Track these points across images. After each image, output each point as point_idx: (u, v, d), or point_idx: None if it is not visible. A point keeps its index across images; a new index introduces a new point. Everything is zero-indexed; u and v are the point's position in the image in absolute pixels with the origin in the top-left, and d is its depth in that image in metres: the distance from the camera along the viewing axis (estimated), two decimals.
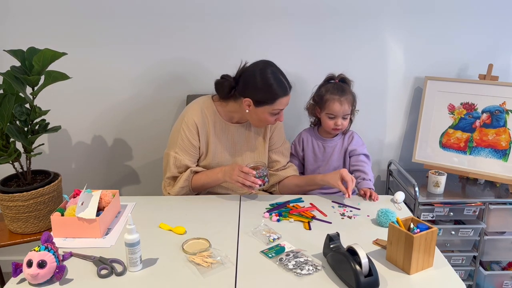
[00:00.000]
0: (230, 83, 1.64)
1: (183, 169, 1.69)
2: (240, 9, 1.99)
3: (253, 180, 1.54)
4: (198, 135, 1.68)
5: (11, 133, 1.59)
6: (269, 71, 1.58)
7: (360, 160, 1.82)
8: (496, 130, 1.96)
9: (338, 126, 1.79)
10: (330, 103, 1.77)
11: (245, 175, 1.54)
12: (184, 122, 1.68)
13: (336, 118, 1.78)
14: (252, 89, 1.59)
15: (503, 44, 2.09)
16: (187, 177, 1.67)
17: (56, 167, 1.90)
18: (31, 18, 1.97)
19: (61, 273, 1.14)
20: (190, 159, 1.69)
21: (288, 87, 1.61)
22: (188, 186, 1.69)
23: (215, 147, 1.72)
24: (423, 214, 1.90)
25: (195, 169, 1.70)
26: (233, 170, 1.57)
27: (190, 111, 1.70)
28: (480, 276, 2.01)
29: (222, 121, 1.72)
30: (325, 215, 1.54)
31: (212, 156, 1.72)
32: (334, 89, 1.78)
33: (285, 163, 1.83)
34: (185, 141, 1.67)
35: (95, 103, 2.13)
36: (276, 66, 1.63)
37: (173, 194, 1.70)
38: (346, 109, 1.77)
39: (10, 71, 1.58)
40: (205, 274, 1.18)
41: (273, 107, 1.60)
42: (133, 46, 2.03)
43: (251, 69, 1.61)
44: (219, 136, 1.73)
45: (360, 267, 1.10)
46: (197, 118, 1.68)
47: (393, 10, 2.02)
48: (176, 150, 1.68)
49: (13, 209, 1.65)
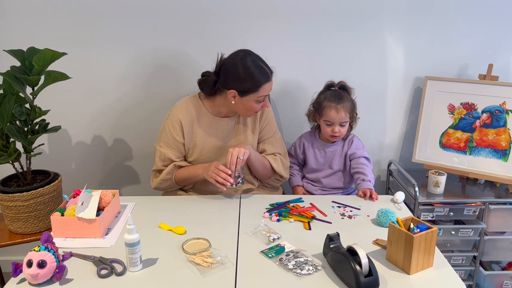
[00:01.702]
0: (212, 78, 1.66)
1: (168, 162, 1.73)
2: (238, 8, 1.99)
3: (224, 177, 1.56)
4: (183, 131, 1.71)
5: (11, 133, 1.59)
6: (248, 60, 1.60)
7: (360, 163, 1.82)
8: (496, 130, 1.96)
9: (336, 133, 1.80)
10: (327, 110, 1.79)
11: (218, 171, 1.57)
12: (169, 119, 1.73)
13: (333, 125, 1.80)
14: (235, 80, 1.60)
15: (503, 44, 2.09)
16: (169, 171, 1.72)
17: (56, 167, 1.90)
18: (31, 18, 1.97)
19: (61, 273, 1.14)
20: (173, 153, 1.73)
21: (269, 72, 1.63)
22: (171, 180, 1.73)
23: (203, 142, 1.74)
24: (423, 214, 1.90)
25: (179, 163, 1.73)
26: (210, 166, 1.62)
27: (176, 108, 1.74)
28: (480, 276, 2.01)
29: (209, 116, 1.74)
30: (325, 215, 1.54)
31: (200, 151, 1.74)
32: (331, 97, 1.80)
33: (270, 152, 1.82)
34: (169, 136, 1.71)
35: (95, 103, 2.13)
36: (254, 53, 1.64)
37: (155, 185, 1.76)
38: (343, 117, 1.78)
39: (10, 71, 1.58)
40: (205, 274, 1.18)
41: (257, 94, 1.61)
42: (133, 45, 2.04)
43: (230, 61, 1.62)
44: (207, 131, 1.74)
45: (360, 267, 1.10)
46: (182, 115, 1.71)
47: (393, 10, 2.02)
48: (161, 144, 1.74)
49: (13, 209, 1.65)
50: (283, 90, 2.11)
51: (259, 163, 1.75)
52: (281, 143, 1.87)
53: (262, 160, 1.77)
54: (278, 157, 1.81)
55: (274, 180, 1.86)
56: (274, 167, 1.78)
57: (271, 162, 1.78)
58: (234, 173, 1.59)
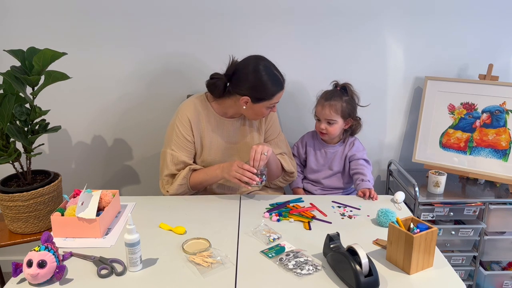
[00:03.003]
0: (223, 81, 1.65)
1: (181, 165, 1.69)
2: (241, 9, 1.99)
3: (250, 176, 1.54)
4: (192, 130, 1.70)
5: (11, 133, 1.59)
6: (262, 68, 1.59)
7: (360, 164, 1.83)
8: (496, 130, 1.96)
9: (322, 130, 1.82)
10: (317, 105, 1.84)
11: (243, 171, 1.55)
12: (177, 119, 1.70)
13: (320, 122, 1.82)
14: (250, 88, 1.60)
15: (503, 44, 2.09)
16: (185, 175, 1.67)
17: (56, 167, 1.89)
18: (31, 18, 1.97)
19: (61, 273, 1.14)
20: (186, 155, 1.70)
21: (283, 81, 1.64)
22: (187, 184, 1.69)
23: (211, 142, 1.73)
24: (423, 214, 1.90)
25: (194, 166, 1.70)
26: (231, 166, 1.59)
27: (183, 108, 1.72)
28: (480, 276, 2.01)
29: (216, 116, 1.73)
30: (325, 215, 1.54)
31: (208, 151, 1.73)
32: (325, 93, 1.84)
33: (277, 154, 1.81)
34: (180, 137, 1.69)
35: (95, 103, 2.13)
36: (267, 60, 1.64)
37: (171, 191, 1.69)
38: (327, 114, 1.79)
39: (10, 71, 1.58)
40: (205, 274, 1.18)
41: (270, 102, 1.63)
42: (134, 45, 2.03)
43: (245, 67, 1.61)
44: (214, 131, 1.73)
45: (360, 267, 1.10)
46: (190, 113, 1.70)
47: (393, 10, 2.02)
48: (172, 147, 1.69)
49: (13, 209, 1.65)
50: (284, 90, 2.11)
51: (274, 162, 1.75)
52: (286, 143, 1.89)
53: (276, 159, 1.77)
54: (286, 156, 1.83)
55: (281, 181, 1.86)
56: (283, 166, 1.78)
57: (281, 161, 1.78)
58: (258, 170, 1.57)
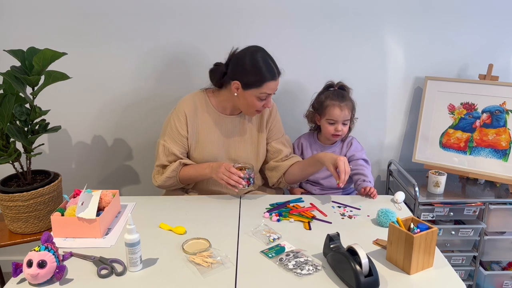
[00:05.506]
0: (222, 69, 1.67)
1: (172, 157, 1.71)
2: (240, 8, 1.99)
3: (236, 180, 1.55)
4: (187, 125, 1.70)
5: (11, 133, 1.59)
6: (258, 55, 1.61)
7: (359, 164, 1.82)
8: (496, 130, 1.96)
9: (338, 132, 1.81)
10: (330, 109, 1.79)
11: (230, 174, 1.56)
12: (175, 112, 1.72)
13: (337, 124, 1.80)
14: (241, 71, 1.61)
15: (503, 44, 2.09)
16: (175, 168, 1.69)
17: (56, 167, 1.89)
18: (31, 18, 1.97)
19: (61, 273, 1.14)
20: (178, 149, 1.71)
21: (276, 72, 1.63)
22: (176, 177, 1.70)
23: (207, 138, 1.73)
24: (423, 214, 1.90)
25: (184, 161, 1.71)
26: (219, 168, 1.59)
27: (182, 102, 1.74)
28: (480, 276, 2.01)
29: (215, 112, 1.74)
30: (325, 215, 1.54)
31: (203, 148, 1.74)
32: (334, 96, 1.81)
33: (288, 153, 1.83)
34: (174, 130, 1.70)
35: (95, 104, 2.13)
36: (266, 51, 1.65)
37: (159, 182, 1.71)
38: (346, 115, 1.79)
39: (10, 71, 1.58)
40: (205, 274, 1.18)
41: (260, 90, 1.61)
42: (134, 45, 2.03)
43: (241, 53, 1.64)
44: (211, 128, 1.74)
45: (360, 267, 1.10)
46: (188, 108, 1.71)
47: (393, 10, 2.02)
48: (165, 138, 1.71)
49: (13, 209, 1.65)
50: (283, 90, 2.11)
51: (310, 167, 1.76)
52: (291, 143, 1.90)
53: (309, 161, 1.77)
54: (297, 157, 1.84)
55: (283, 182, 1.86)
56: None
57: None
58: (244, 174, 1.58)
